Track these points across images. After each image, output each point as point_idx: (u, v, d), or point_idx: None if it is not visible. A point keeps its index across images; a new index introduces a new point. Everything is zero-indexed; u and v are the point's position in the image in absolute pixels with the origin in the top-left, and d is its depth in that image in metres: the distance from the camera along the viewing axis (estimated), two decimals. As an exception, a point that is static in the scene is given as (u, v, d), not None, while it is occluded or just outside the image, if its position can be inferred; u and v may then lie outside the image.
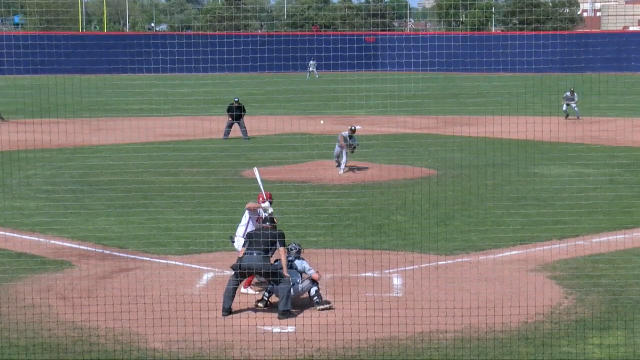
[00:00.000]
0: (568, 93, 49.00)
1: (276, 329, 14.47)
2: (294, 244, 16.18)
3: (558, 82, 48.90)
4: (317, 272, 15.88)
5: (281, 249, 15.48)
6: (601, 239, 20.11)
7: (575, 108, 48.59)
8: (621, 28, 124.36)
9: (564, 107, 48.64)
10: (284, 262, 15.49)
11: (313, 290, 15.62)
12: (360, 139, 31.28)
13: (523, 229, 20.55)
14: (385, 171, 30.47)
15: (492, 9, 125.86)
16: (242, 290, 16.17)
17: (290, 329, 14.48)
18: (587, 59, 79.63)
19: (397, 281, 17.09)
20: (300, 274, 15.81)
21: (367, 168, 31.06)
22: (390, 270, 17.69)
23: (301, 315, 15.10)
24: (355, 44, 78.05)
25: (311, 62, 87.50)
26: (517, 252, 19.16)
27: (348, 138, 30.62)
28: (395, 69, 64.61)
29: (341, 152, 30.54)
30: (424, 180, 28.74)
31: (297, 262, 15.96)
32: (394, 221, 22.39)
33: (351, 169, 30.74)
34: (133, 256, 19.05)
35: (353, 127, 31.25)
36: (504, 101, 48.65)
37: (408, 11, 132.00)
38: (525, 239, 19.89)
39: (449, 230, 21.05)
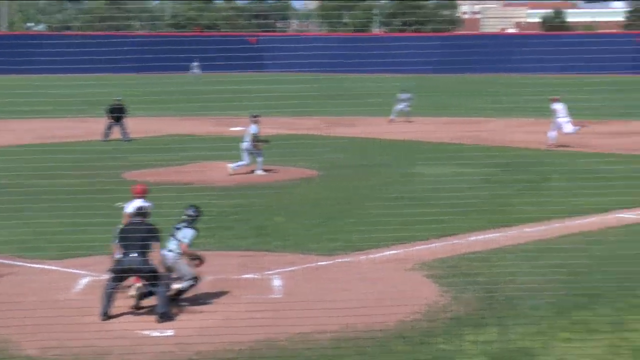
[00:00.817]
0: (401, 94, 49.24)
1: (155, 333, 14.33)
2: (191, 209, 15.87)
3: (439, 83, 49.66)
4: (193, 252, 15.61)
5: (156, 244, 15.26)
6: (477, 237, 20.52)
7: (402, 108, 48.63)
8: (499, 30, 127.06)
9: (398, 108, 48.71)
10: (159, 260, 15.24)
11: (181, 286, 15.47)
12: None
13: (402, 229, 20.77)
14: (268, 172, 30.51)
15: (374, 10, 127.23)
16: (137, 285, 15.93)
17: (170, 332, 14.36)
18: (466, 60, 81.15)
19: (277, 282, 17.11)
20: (179, 243, 15.51)
21: (253, 170, 31.03)
22: (271, 272, 17.72)
23: (181, 318, 14.99)
24: (239, 45, 77.90)
25: (194, 63, 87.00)
26: (395, 251, 19.39)
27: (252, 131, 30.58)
28: (279, 70, 64.67)
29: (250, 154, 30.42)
30: (305, 181, 28.86)
31: (185, 229, 15.55)
32: (275, 222, 22.43)
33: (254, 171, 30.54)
34: (7, 261, 18.60)
35: (254, 113, 31.14)
36: (385, 102, 49.21)
37: (291, 12, 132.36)
38: (404, 238, 20.11)
39: (330, 231, 21.18)
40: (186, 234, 15.62)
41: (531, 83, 51.59)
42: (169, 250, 15.58)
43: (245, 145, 30.65)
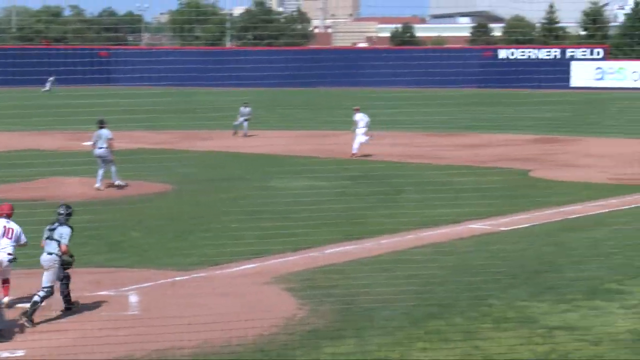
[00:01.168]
0: (242, 108, 49.44)
1: (5, 354, 13.90)
2: (62, 207, 16.04)
3: (291, 97, 49.96)
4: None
5: None
6: (333, 250, 20.71)
7: (245, 124, 48.71)
8: (350, 44, 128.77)
9: (237, 122, 48.81)
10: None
11: (36, 297, 15.19)
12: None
13: (258, 242, 20.80)
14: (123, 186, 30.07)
15: (226, 24, 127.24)
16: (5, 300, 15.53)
17: (21, 352, 13.95)
18: (319, 74, 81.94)
19: (133, 299, 16.86)
20: (58, 243, 15.58)
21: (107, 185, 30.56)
22: (127, 288, 17.45)
23: (33, 337, 14.58)
24: (89, 58, 76.66)
25: (50, 78, 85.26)
26: (252, 265, 19.39)
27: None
28: (131, 84, 63.85)
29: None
30: (160, 196, 28.60)
31: (60, 228, 15.76)
32: (131, 238, 22.13)
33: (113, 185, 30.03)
34: None
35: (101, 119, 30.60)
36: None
37: (143, 25, 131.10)
38: (261, 252, 20.15)
39: (186, 246, 21.03)
40: (63, 233, 15.71)
41: (384, 97, 52.43)
42: (49, 253, 15.55)
43: (100, 151, 30.04)
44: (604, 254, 20.36)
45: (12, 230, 16.07)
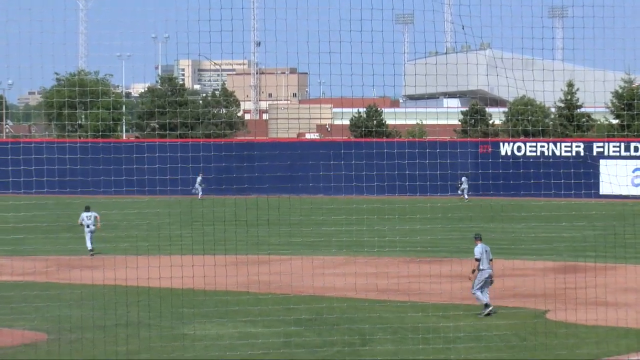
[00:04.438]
0: (84, 213, 50.98)
1: None
2: None
3: (214, 208, 50.19)
4: None
5: None
6: None
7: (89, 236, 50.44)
8: (295, 135, 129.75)
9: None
10: None
11: None
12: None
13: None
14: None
15: (122, 108, 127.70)
16: None
17: None
18: (251, 177, 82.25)
19: None
20: None
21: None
22: None
23: None
24: None
25: (198, 177, 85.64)
26: None
27: None
28: (-11, 191, 63.70)
29: None
30: (29, 349, 28.33)
31: None
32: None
33: None
34: None
35: None
36: (142, 235, 49.18)
37: (5, 112, 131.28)
38: None
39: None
40: None
41: (342, 208, 52.72)
42: None
43: None
44: None
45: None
